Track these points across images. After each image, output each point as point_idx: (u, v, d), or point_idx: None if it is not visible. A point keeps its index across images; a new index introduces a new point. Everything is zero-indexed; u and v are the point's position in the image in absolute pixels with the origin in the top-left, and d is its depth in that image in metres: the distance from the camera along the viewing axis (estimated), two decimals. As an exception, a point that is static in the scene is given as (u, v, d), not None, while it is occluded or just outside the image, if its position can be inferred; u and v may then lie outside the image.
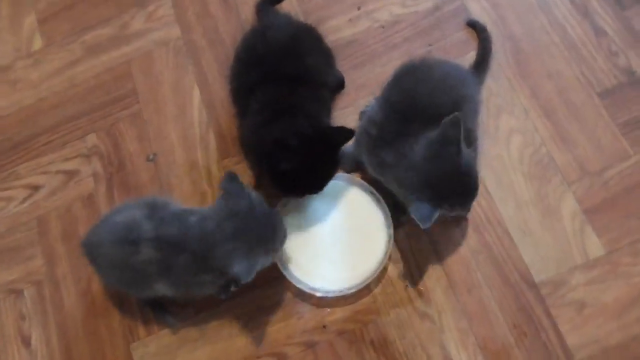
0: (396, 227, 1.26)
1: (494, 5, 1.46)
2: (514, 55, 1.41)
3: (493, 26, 1.43)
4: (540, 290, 1.22)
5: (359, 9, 1.50)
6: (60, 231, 1.38)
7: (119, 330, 1.28)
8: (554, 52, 1.41)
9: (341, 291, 1.23)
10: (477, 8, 1.47)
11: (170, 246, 1.10)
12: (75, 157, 1.44)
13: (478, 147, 1.23)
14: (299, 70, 1.23)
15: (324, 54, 1.31)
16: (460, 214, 1.25)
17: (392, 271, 1.26)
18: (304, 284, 1.24)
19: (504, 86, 1.38)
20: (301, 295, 1.25)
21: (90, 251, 1.18)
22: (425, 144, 1.11)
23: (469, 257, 1.26)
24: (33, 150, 1.47)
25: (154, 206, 1.14)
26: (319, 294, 1.23)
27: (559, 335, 1.18)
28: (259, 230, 1.10)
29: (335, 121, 1.34)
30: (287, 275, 1.24)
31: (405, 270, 1.26)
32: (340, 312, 1.24)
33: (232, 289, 1.11)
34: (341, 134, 1.18)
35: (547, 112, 1.36)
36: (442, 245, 1.27)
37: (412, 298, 1.24)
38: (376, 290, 1.25)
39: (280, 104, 1.20)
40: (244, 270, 1.06)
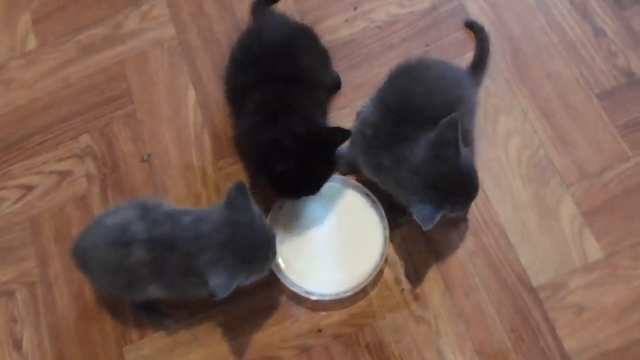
0: (392, 229, 1.25)
1: (492, 5, 1.45)
2: (513, 56, 1.40)
3: (491, 26, 1.42)
4: (539, 294, 1.21)
5: (355, 9, 1.49)
6: (53, 232, 1.37)
7: (112, 333, 1.27)
8: (553, 53, 1.39)
9: (337, 294, 1.22)
10: (475, 8, 1.45)
11: (163, 246, 1.09)
12: (69, 157, 1.43)
13: (474, 148, 1.22)
14: (295, 70, 1.22)
15: (320, 54, 1.31)
16: (460, 215, 1.24)
17: (388, 274, 1.25)
18: (298, 287, 1.23)
19: (502, 87, 1.37)
20: (296, 298, 1.24)
21: (81, 256, 1.17)
22: (424, 146, 1.11)
23: (466, 260, 1.25)
24: (27, 150, 1.46)
25: (146, 207, 1.13)
26: (314, 297, 1.22)
27: (556, 340, 1.17)
28: (249, 250, 1.08)
29: (332, 122, 1.33)
30: (282, 278, 1.23)
31: (401, 273, 1.25)
32: (335, 316, 1.23)
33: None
34: (337, 134, 1.18)
35: (546, 113, 1.34)
36: (439, 247, 1.26)
37: (408, 301, 1.23)
38: (372, 293, 1.24)
39: (276, 105, 1.19)
40: (222, 285, 1.04)
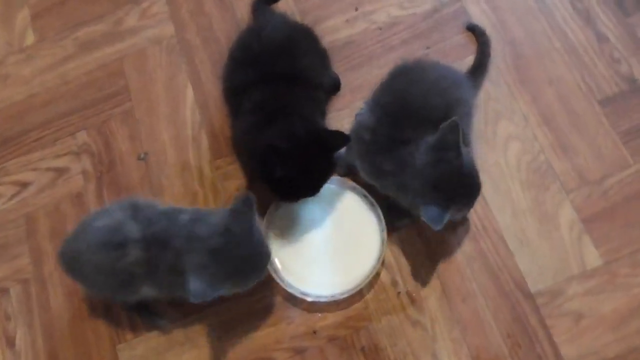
0: (390, 232, 1.24)
1: (494, 9, 1.45)
2: (514, 60, 1.39)
3: (493, 30, 1.42)
4: (536, 300, 1.20)
5: (356, 9, 1.49)
6: (48, 229, 1.36)
7: (106, 332, 1.26)
8: (555, 58, 1.39)
9: (333, 296, 1.21)
10: (477, 11, 1.45)
11: (157, 243, 1.08)
12: (66, 154, 1.43)
13: (472, 152, 1.20)
14: (294, 70, 1.22)
15: (320, 54, 1.31)
16: (463, 215, 1.23)
17: (385, 277, 1.24)
18: (295, 288, 1.22)
19: (503, 91, 1.36)
20: (292, 300, 1.23)
21: (71, 260, 1.16)
22: (425, 150, 1.10)
23: (464, 264, 1.24)
24: (23, 146, 1.45)
25: (136, 207, 1.12)
26: (310, 299, 1.21)
27: (553, 346, 1.16)
28: (239, 264, 1.08)
29: (331, 123, 1.33)
30: (278, 279, 1.22)
31: (398, 277, 1.24)
32: (331, 318, 1.22)
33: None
34: (337, 138, 1.18)
35: (547, 119, 1.34)
36: (437, 252, 1.25)
37: (404, 305, 1.22)
38: (368, 296, 1.23)
39: (274, 104, 1.19)
40: (198, 291, 1.03)
